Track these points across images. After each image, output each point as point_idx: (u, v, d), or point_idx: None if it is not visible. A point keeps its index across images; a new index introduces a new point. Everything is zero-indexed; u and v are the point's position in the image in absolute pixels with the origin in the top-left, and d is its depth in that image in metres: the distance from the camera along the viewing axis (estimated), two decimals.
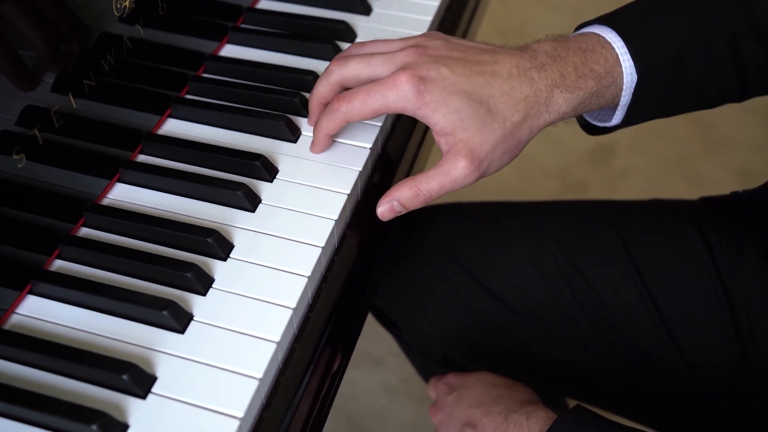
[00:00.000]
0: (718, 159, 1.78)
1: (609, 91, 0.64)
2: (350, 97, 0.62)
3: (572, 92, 0.62)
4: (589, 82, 0.63)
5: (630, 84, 0.64)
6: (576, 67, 0.63)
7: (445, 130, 0.60)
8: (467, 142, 0.60)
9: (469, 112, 0.60)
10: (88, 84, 0.61)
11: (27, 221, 0.59)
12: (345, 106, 0.62)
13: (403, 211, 0.62)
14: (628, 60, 0.64)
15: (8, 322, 0.56)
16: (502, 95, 0.61)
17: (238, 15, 0.80)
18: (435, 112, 0.60)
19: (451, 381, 0.80)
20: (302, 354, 0.58)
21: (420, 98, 0.60)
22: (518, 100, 0.61)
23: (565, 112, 0.62)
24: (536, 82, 0.61)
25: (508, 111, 0.61)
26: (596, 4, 2.44)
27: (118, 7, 0.63)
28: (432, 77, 0.60)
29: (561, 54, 0.63)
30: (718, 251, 0.81)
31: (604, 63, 0.63)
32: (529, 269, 0.85)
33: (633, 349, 0.83)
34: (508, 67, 0.62)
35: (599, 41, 0.64)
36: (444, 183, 0.61)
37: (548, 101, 0.62)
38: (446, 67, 0.60)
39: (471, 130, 0.60)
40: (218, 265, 0.59)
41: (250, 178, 0.65)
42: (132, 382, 0.51)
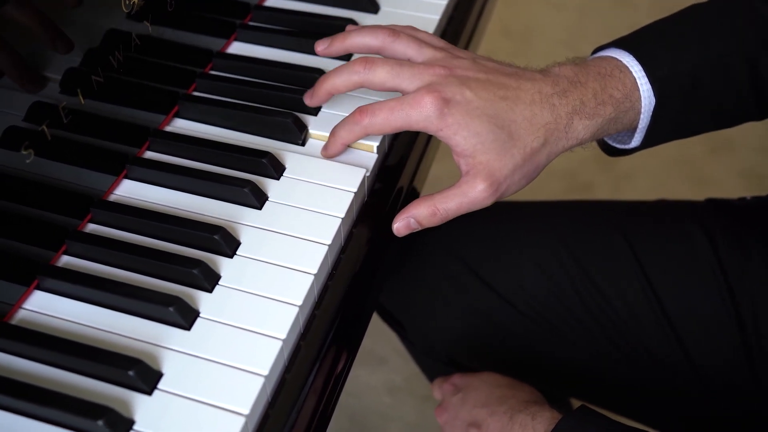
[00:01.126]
0: (723, 161, 1.77)
1: (627, 115, 0.64)
2: (373, 112, 0.62)
3: (591, 119, 0.63)
4: (608, 109, 0.63)
5: (648, 107, 0.65)
6: (596, 93, 0.63)
7: (465, 152, 0.61)
8: (487, 165, 0.60)
9: (491, 137, 0.60)
10: (96, 80, 0.61)
11: (34, 217, 0.59)
12: (368, 120, 0.62)
13: (418, 228, 0.63)
14: (645, 84, 0.64)
15: (15, 317, 0.56)
16: (523, 121, 0.61)
17: (246, 12, 0.80)
18: (456, 134, 0.60)
19: (456, 381, 0.80)
20: (308, 352, 0.58)
21: (442, 120, 0.60)
22: (539, 126, 0.61)
23: (584, 138, 0.63)
24: (557, 109, 0.62)
25: (529, 137, 0.61)
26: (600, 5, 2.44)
27: (127, 3, 0.63)
28: (456, 100, 0.60)
29: (581, 80, 0.63)
30: (724, 253, 0.81)
31: (622, 88, 0.64)
32: (535, 270, 0.85)
33: (638, 350, 0.83)
34: (531, 94, 0.62)
35: (617, 66, 0.65)
36: (462, 204, 0.62)
37: (568, 128, 0.62)
38: (470, 90, 0.61)
39: (491, 153, 0.60)
40: (225, 262, 0.59)
41: (257, 175, 0.65)
42: (138, 378, 0.51)
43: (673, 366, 0.82)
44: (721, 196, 0.87)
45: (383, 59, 0.63)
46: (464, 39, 0.87)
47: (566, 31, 2.09)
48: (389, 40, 0.65)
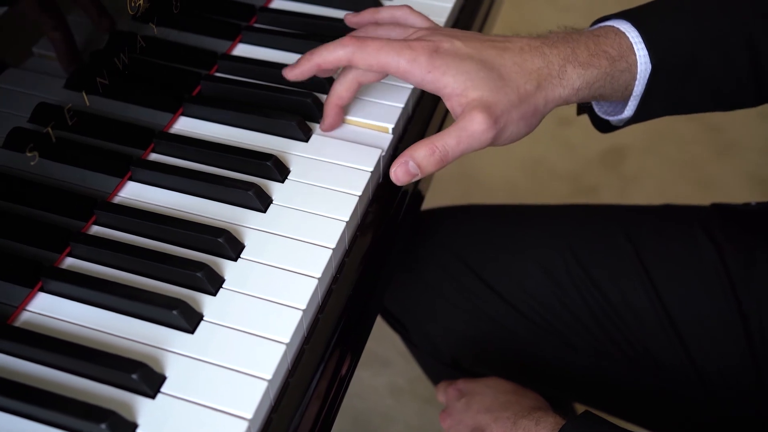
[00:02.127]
0: (729, 163, 1.77)
1: (623, 76, 0.64)
2: (364, 40, 0.61)
3: (585, 68, 0.62)
4: (602, 61, 0.63)
5: (644, 73, 0.64)
6: (588, 47, 0.63)
7: (455, 91, 0.60)
8: (481, 99, 0.60)
9: (481, 74, 0.60)
10: (101, 82, 0.61)
11: (39, 218, 0.59)
12: (357, 47, 0.61)
13: (418, 173, 0.60)
14: (642, 49, 0.64)
15: (19, 319, 0.56)
16: (513, 65, 0.61)
17: (252, 14, 0.80)
18: (444, 74, 0.60)
19: (461, 386, 0.80)
20: (311, 356, 0.57)
21: (431, 62, 0.60)
22: (530, 70, 0.61)
23: (579, 87, 0.62)
24: (548, 56, 0.62)
25: (521, 79, 0.61)
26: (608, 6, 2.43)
27: (133, 5, 0.63)
28: (445, 47, 0.61)
29: (573, 36, 0.64)
30: (729, 258, 0.81)
31: (617, 47, 0.64)
32: (539, 273, 0.85)
33: (642, 354, 0.83)
34: (519, 44, 0.62)
35: (613, 30, 0.65)
36: (461, 138, 0.59)
37: (561, 74, 0.62)
38: (459, 41, 0.61)
39: (484, 89, 0.60)
40: (229, 265, 0.59)
41: (261, 178, 0.65)
42: (141, 381, 0.51)
43: (677, 370, 0.82)
44: (727, 199, 0.87)
45: (373, 38, 0.63)
46: None
47: None
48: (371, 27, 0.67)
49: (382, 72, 0.62)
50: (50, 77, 0.57)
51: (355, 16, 0.72)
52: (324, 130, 0.68)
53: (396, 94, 0.71)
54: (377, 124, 0.69)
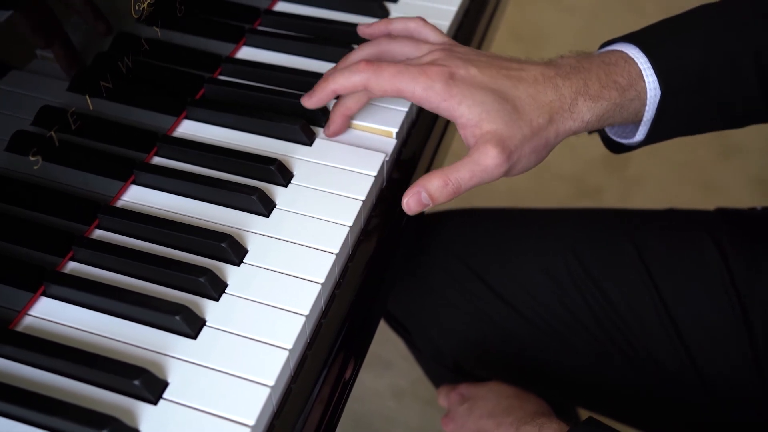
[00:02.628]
0: (733, 166, 1.77)
1: (633, 104, 0.64)
2: (380, 66, 0.61)
3: (596, 101, 0.62)
4: (613, 93, 0.63)
5: (654, 99, 0.64)
6: (599, 78, 0.63)
7: (470, 122, 0.60)
8: (495, 133, 0.60)
9: (495, 106, 0.60)
10: (105, 86, 0.61)
11: (41, 222, 0.58)
12: (372, 72, 0.61)
13: (430, 203, 0.61)
14: (651, 75, 0.64)
15: (21, 324, 0.56)
16: (527, 98, 0.61)
17: (256, 17, 0.79)
18: (460, 104, 0.60)
19: (463, 391, 0.80)
20: (314, 361, 0.57)
21: (447, 90, 0.60)
22: (543, 103, 0.61)
23: (589, 120, 0.62)
24: (560, 89, 0.62)
25: (534, 113, 0.61)
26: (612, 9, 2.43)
27: (137, 9, 0.62)
28: (461, 74, 0.60)
29: (585, 66, 0.64)
30: (733, 263, 0.81)
31: (627, 76, 0.63)
32: (543, 277, 0.84)
33: (646, 359, 0.82)
34: (534, 74, 0.62)
35: (622, 56, 0.65)
36: (474, 172, 0.60)
37: (572, 108, 0.62)
38: (475, 67, 0.61)
39: (498, 122, 0.60)
40: (232, 270, 0.59)
41: (265, 182, 0.65)
42: (143, 387, 0.51)
43: (681, 374, 0.82)
44: (730, 202, 0.87)
45: (388, 64, 0.62)
46: (474, 44, 0.87)
47: (576, 36, 2.08)
48: (385, 42, 0.66)
49: (397, 96, 0.62)
50: (53, 79, 0.57)
51: (368, 27, 0.71)
52: (328, 136, 0.68)
53: (400, 99, 0.71)
54: (381, 128, 0.69)
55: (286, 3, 0.82)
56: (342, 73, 0.63)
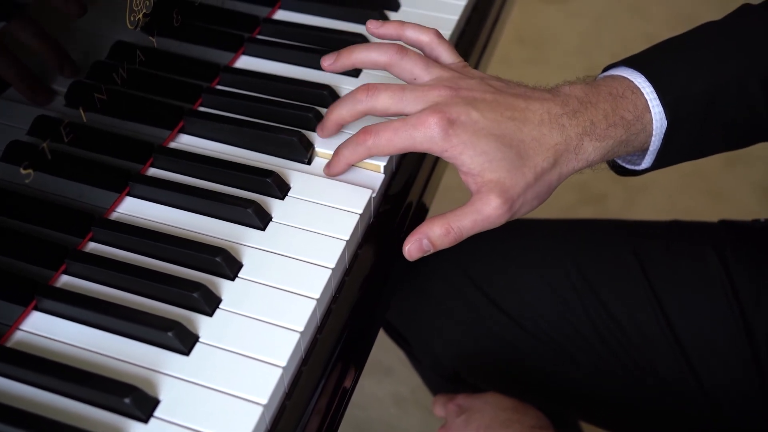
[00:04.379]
0: (738, 174, 1.75)
1: (638, 138, 0.63)
2: (377, 132, 0.61)
3: (602, 141, 0.61)
4: (619, 131, 0.62)
5: (660, 130, 0.63)
6: (606, 115, 0.62)
7: (472, 171, 0.59)
8: (498, 182, 0.59)
9: (498, 155, 0.59)
10: (99, 98, 0.60)
11: (34, 234, 0.58)
12: (371, 140, 0.61)
13: (431, 250, 0.61)
14: (657, 106, 0.62)
15: (11, 339, 0.55)
16: (532, 141, 0.60)
17: (255, 26, 0.79)
18: (462, 154, 0.59)
19: (461, 402, 0.79)
20: (309, 378, 0.57)
21: (447, 140, 0.59)
22: (548, 147, 0.60)
23: (594, 160, 0.62)
24: (567, 130, 0.61)
25: (538, 157, 0.60)
26: (616, 14, 2.42)
27: (132, 20, 0.62)
28: (462, 121, 0.59)
29: (592, 100, 0.62)
30: (737, 276, 0.80)
31: (633, 110, 0.62)
32: (544, 289, 0.84)
33: (648, 371, 0.82)
34: (539, 114, 0.61)
35: (629, 87, 0.63)
36: (476, 221, 0.59)
37: (578, 149, 0.61)
38: (477, 111, 0.59)
39: (501, 171, 0.59)
40: (226, 284, 0.58)
41: (261, 194, 0.64)
42: (134, 405, 0.50)
43: (683, 388, 0.81)
44: (735, 209, 0.86)
45: (385, 85, 0.62)
46: (478, 49, 0.86)
47: (581, 40, 2.08)
48: (397, 57, 0.64)
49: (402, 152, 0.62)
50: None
51: (380, 27, 0.68)
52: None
53: None
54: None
55: (286, 12, 0.82)
56: (348, 148, 0.63)
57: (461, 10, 0.82)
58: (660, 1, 2.16)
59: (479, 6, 0.87)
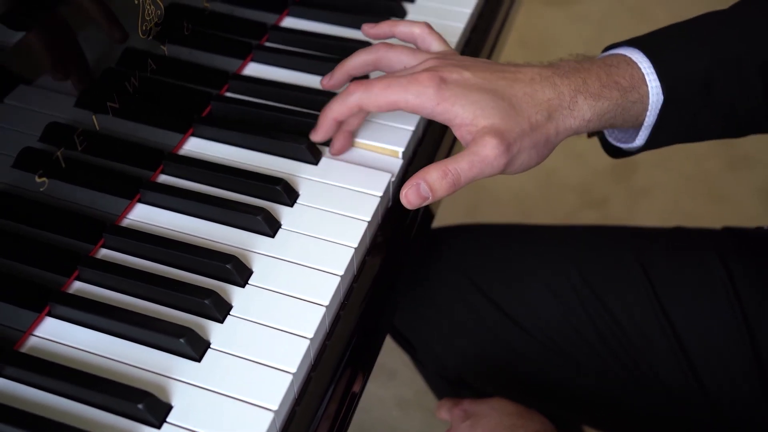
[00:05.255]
0: (741, 177, 1.76)
1: (635, 107, 0.63)
2: (369, 84, 0.61)
3: (596, 99, 0.62)
4: (614, 93, 0.62)
5: (656, 104, 0.64)
6: (599, 77, 0.62)
7: (465, 121, 0.59)
8: (492, 126, 0.59)
9: (490, 104, 0.59)
10: (111, 106, 0.61)
11: (47, 241, 0.58)
12: (362, 91, 0.61)
13: (429, 196, 0.59)
14: (654, 80, 0.63)
15: (26, 345, 0.56)
16: (524, 96, 0.60)
17: (263, 33, 0.79)
18: (454, 105, 0.59)
19: (466, 407, 0.80)
20: (319, 384, 0.57)
21: (439, 94, 0.59)
22: (541, 101, 0.61)
23: (590, 118, 0.62)
24: (559, 87, 0.62)
25: (531, 109, 0.60)
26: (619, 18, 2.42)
27: (144, 29, 0.62)
28: (454, 78, 0.60)
29: (585, 66, 0.63)
30: (740, 283, 0.80)
31: (629, 78, 0.63)
32: (548, 294, 0.84)
33: (651, 378, 0.82)
34: (530, 75, 0.62)
35: (625, 60, 0.64)
36: (474, 162, 0.59)
37: (572, 105, 0.61)
38: (468, 71, 0.61)
39: (494, 118, 0.59)
40: (236, 291, 0.59)
41: (270, 201, 0.65)
42: (147, 411, 0.51)
43: (686, 393, 0.81)
44: (738, 213, 0.86)
45: (377, 78, 0.62)
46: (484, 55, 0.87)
47: (584, 44, 2.08)
48: (383, 50, 0.66)
49: (393, 110, 0.62)
50: (61, 95, 0.57)
51: (373, 27, 0.70)
52: (333, 154, 0.68)
53: (406, 117, 0.71)
54: (387, 147, 0.69)
55: (293, 19, 0.82)
56: (337, 101, 0.63)
57: (467, 18, 0.83)
58: (662, 5, 2.16)
59: (485, 13, 0.88)
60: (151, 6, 0.62)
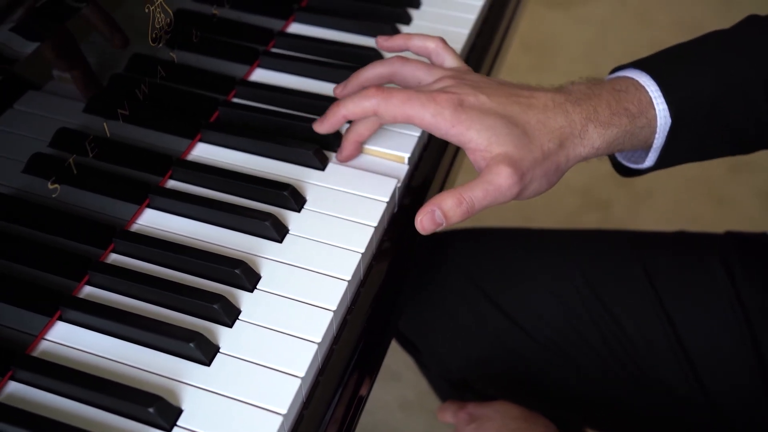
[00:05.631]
0: (743, 180, 1.76)
1: (643, 132, 0.64)
2: (390, 93, 0.61)
3: (606, 128, 0.63)
4: (623, 120, 0.63)
5: (664, 127, 0.64)
6: (609, 104, 0.63)
7: (479, 146, 0.60)
8: (506, 155, 0.60)
9: (505, 131, 0.60)
10: (121, 113, 0.61)
11: (58, 246, 0.59)
12: (381, 98, 0.61)
13: (443, 222, 0.60)
14: (662, 103, 0.64)
15: (37, 349, 0.57)
16: (537, 123, 0.61)
17: (270, 39, 0.80)
18: (469, 129, 0.60)
19: (471, 410, 0.80)
20: (326, 388, 0.58)
21: (455, 116, 0.60)
22: (553, 129, 0.62)
23: (599, 147, 0.63)
24: (571, 115, 0.62)
25: (544, 138, 0.61)
26: (621, 21, 2.42)
27: (154, 36, 0.63)
28: (470, 101, 0.61)
29: (595, 92, 0.64)
30: (743, 288, 0.81)
31: (637, 104, 0.64)
32: (552, 298, 0.85)
33: (655, 382, 0.83)
34: (543, 100, 0.63)
35: (633, 84, 0.65)
36: (488, 192, 0.60)
37: (582, 134, 0.62)
38: (484, 94, 0.61)
39: (508, 145, 0.60)
40: (245, 296, 0.60)
41: (277, 207, 0.65)
42: (158, 415, 0.52)
43: (689, 398, 0.82)
44: (740, 216, 0.87)
45: (396, 88, 0.63)
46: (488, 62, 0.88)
47: (586, 47, 2.09)
48: (399, 64, 0.67)
49: (405, 123, 0.62)
50: (70, 101, 0.58)
51: (387, 40, 0.71)
52: (340, 161, 0.69)
53: None
54: (393, 153, 0.69)
55: (300, 25, 0.83)
56: (352, 99, 0.63)
57: (472, 24, 0.84)
58: (665, 8, 2.17)
59: (489, 19, 0.89)
60: (160, 14, 0.63)
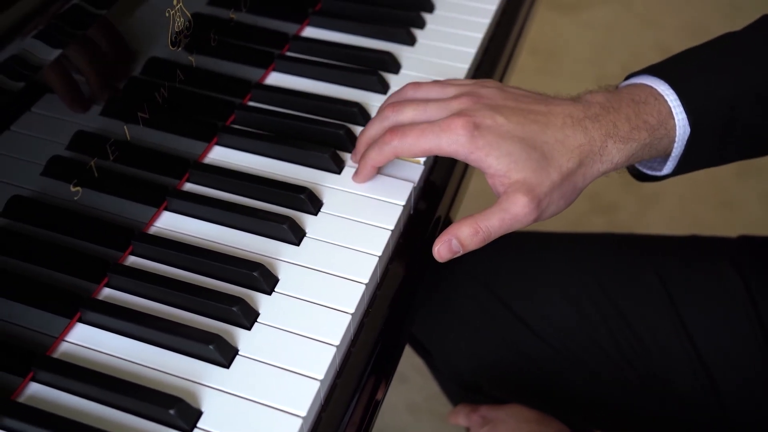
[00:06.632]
0: (750, 183, 1.76)
1: (662, 142, 0.64)
2: (404, 132, 0.62)
3: (625, 143, 0.62)
4: (642, 134, 0.63)
5: (683, 136, 0.64)
6: (629, 118, 0.63)
7: (498, 173, 0.60)
8: (524, 182, 0.60)
9: (523, 156, 0.60)
10: (141, 116, 0.62)
11: (77, 248, 0.59)
12: (398, 140, 0.62)
13: (460, 251, 0.62)
14: (681, 113, 0.64)
15: (58, 350, 0.57)
16: (556, 143, 0.61)
17: (285, 42, 0.80)
18: (488, 155, 0.60)
19: (484, 413, 0.81)
20: (344, 391, 0.58)
21: (473, 143, 0.60)
22: (572, 148, 0.61)
23: (618, 162, 0.63)
24: (590, 132, 0.62)
25: (563, 158, 0.61)
26: (627, 24, 2.42)
27: (173, 41, 0.63)
28: (487, 124, 0.61)
29: (614, 105, 0.63)
30: (757, 292, 0.81)
31: (657, 115, 0.64)
32: (564, 302, 0.85)
33: (667, 387, 0.83)
34: (562, 117, 0.62)
35: (652, 93, 0.65)
36: (504, 220, 0.60)
37: (602, 151, 0.62)
38: (501, 115, 0.61)
39: (526, 171, 0.60)
40: (263, 299, 0.60)
41: (295, 210, 0.66)
42: (178, 417, 0.52)
43: (703, 402, 0.82)
44: (748, 219, 0.87)
45: (410, 101, 0.63)
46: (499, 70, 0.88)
47: (593, 50, 2.09)
48: (411, 90, 0.67)
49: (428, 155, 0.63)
50: (94, 107, 0.58)
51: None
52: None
53: None
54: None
55: (314, 29, 0.83)
56: (374, 149, 0.64)
57: (485, 28, 0.84)
58: (671, 11, 2.17)
59: (502, 23, 0.89)
60: (180, 18, 0.64)
